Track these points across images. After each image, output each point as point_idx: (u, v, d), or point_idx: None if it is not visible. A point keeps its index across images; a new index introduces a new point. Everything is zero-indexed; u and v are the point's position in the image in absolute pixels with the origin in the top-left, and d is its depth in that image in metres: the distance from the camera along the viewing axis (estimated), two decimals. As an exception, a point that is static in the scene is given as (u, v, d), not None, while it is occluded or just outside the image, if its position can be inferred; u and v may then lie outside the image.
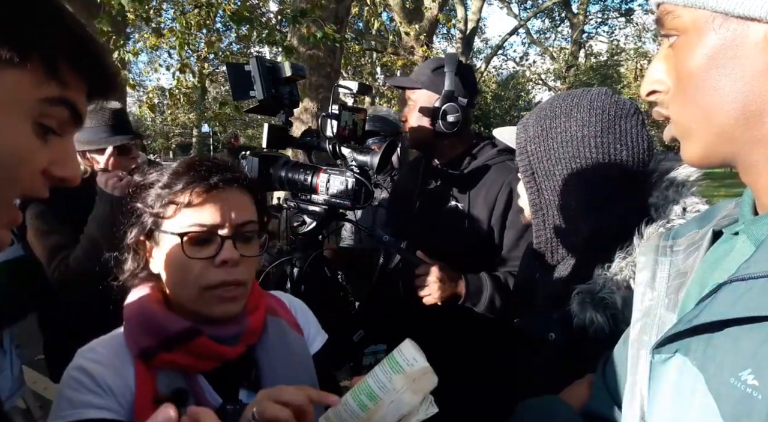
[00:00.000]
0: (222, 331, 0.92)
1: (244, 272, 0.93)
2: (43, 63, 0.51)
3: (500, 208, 1.67)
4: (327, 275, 1.69)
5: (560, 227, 1.14)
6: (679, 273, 0.73)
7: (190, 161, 0.94)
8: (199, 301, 0.90)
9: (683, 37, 0.60)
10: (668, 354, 0.63)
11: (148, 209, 0.92)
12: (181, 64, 6.02)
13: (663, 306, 0.72)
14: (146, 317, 0.91)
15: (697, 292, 0.67)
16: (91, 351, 0.91)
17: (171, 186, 0.91)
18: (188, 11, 6.18)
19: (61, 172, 0.57)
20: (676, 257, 0.75)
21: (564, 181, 1.10)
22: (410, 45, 9.29)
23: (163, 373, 0.88)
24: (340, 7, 5.26)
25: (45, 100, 0.52)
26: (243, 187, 0.95)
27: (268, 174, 1.58)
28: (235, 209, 0.92)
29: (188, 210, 0.89)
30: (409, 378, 0.77)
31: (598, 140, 1.06)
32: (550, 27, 24.30)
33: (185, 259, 0.88)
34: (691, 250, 0.73)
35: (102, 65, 0.57)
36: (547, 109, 1.14)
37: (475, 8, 13.32)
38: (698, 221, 0.78)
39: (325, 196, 1.54)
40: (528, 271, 1.37)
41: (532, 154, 1.14)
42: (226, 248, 0.90)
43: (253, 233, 0.95)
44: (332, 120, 1.54)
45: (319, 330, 1.13)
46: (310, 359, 1.04)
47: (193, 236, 0.89)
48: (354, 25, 12.52)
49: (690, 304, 0.67)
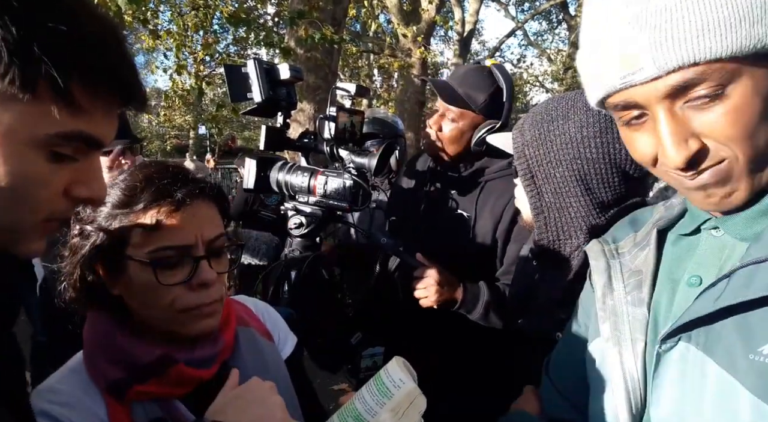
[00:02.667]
0: (197, 354, 0.85)
1: (219, 289, 0.85)
2: (53, 92, 0.47)
3: (506, 221, 1.65)
4: (325, 277, 1.69)
5: (562, 228, 1.15)
6: (633, 272, 0.80)
7: (147, 173, 0.82)
8: (175, 322, 0.82)
9: (734, 86, 0.58)
10: (672, 343, 0.68)
11: (98, 232, 0.79)
12: (177, 66, 6.01)
13: (627, 303, 0.78)
14: (111, 346, 0.81)
15: (670, 286, 0.74)
16: (51, 392, 0.79)
17: (129, 205, 0.79)
18: (185, 13, 6.17)
19: (84, 192, 0.54)
20: (623, 259, 0.83)
21: (565, 183, 1.11)
22: (407, 47, 9.31)
23: (137, 404, 0.80)
24: (337, 9, 5.27)
25: (56, 135, 0.49)
26: (208, 197, 0.85)
27: (265, 177, 1.58)
28: (205, 224, 0.83)
29: (156, 232, 0.78)
30: (396, 414, 0.75)
31: (597, 140, 1.07)
32: (548, 29, 24.38)
33: (157, 285, 0.78)
34: (636, 250, 0.82)
35: (121, 78, 0.53)
36: (543, 112, 1.14)
37: (472, 10, 13.33)
38: (630, 225, 0.88)
39: (322, 198, 1.54)
40: (526, 272, 1.37)
41: (531, 157, 1.14)
42: (203, 269, 0.81)
43: (222, 246, 0.87)
44: (330, 122, 1.54)
45: (288, 332, 1.08)
46: (283, 366, 1.00)
47: (164, 261, 0.79)
48: (351, 27, 12.53)
49: (663, 297, 0.74)
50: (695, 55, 0.57)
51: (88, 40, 0.49)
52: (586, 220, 1.12)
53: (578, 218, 1.12)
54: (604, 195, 1.10)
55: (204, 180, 0.86)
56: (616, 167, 1.08)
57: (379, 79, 17.04)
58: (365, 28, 12.38)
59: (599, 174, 1.08)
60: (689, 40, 0.57)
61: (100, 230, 0.79)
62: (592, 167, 1.08)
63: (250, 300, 1.08)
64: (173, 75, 6.31)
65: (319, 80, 5.09)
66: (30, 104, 0.47)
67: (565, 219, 1.14)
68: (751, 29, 0.56)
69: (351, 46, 10.56)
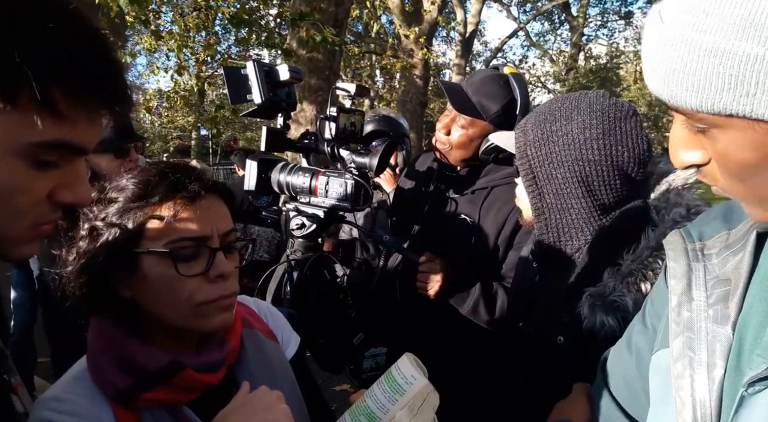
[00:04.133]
0: (205, 359, 0.85)
1: (235, 283, 0.85)
2: (35, 101, 0.46)
3: (509, 228, 1.64)
4: (327, 278, 1.68)
5: (563, 229, 1.15)
6: (719, 281, 0.66)
7: (160, 169, 0.83)
8: (194, 317, 0.81)
9: (719, 131, 0.55)
10: (762, 387, 0.56)
11: (110, 228, 0.78)
12: (179, 67, 6.02)
13: (708, 319, 0.64)
14: (118, 353, 0.80)
15: (763, 305, 0.60)
16: (56, 401, 0.77)
17: (144, 198, 0.79)
18: (187, 14, 6.19)
19: (67, 197, 0.53)
20: (709, 262, 0.69)
21: (566, 184, 1.10)
22: (409, 48, 9.31)
23: (146, 411, 0.79)
24: (339, 10, 5.27)
25: (38, 144, 0.48)
26: (219, 194, 0.86)
27: (267, 178, 1.57)
28: (219, 217, 0.84)
29: (173, 223, 0.78)
30: (412, 411, 0.74)
31: (600, 142, 1.06)
32: (550, 30, 24.38)
33: (175, 277, 0.78)
34: (728, 254, 0.67)
35: (104, 85, 0.52)
36: (546, 113, 1.14)
37: (474, 11, 13.34)
38: (723, 221, 0.72)
39: (324, 198, 1.53)
40: (526, 274, 1.37)
41: (533, 158, 1.14)
42: (219, 260, 0.81)
43: (234, 241, 0.87)
44: (330, 122, 1.53)
45: (291, 331, 1.07)
46: (288, 367, 0.99)
47: (182, 252, 0.79)
48: (353, 28, 12.54)
49: (754, 318, 0.60)
50: (668, 97, 0.56)
51: (70, 47, 0.48)
52: (587, 222, 1.12)
53: (579, 220, 1.12)
54: (605, 197, 1.10)
55: (213, 179, 0.87)
56: (618, 170, 1.07)
57: (381, 80, 17.06)
58: (367, 29, 12.40)
59: (601, 176, 1.08)
60: (663, 81, 0.55)
61: (112, 226, 0.78)
62: (594, 169, 1.07)
63: (251, 301, 1.07)
64: (175, 76, 6.32)
65: (321, 81, 5.09)
66: (11, 114, 0.46)
67: (566, 220, 1.14)
68: (716, 96, 0.51)
69: (353, 47, 10.57)
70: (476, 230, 1.68)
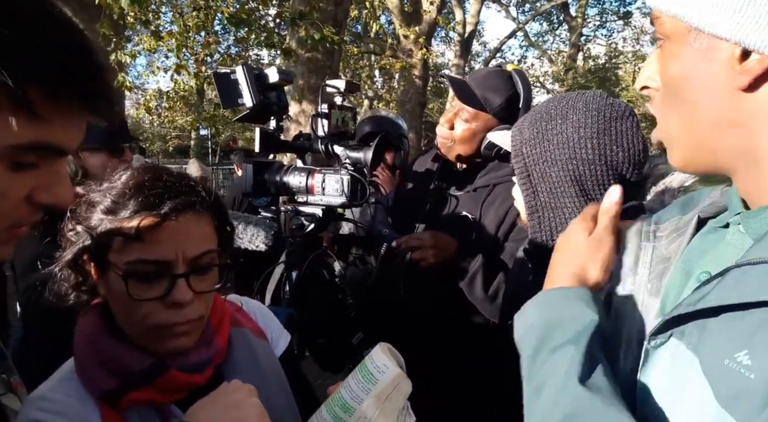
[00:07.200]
0: (191, 359, 0.83)
1: (199, 309, 0.82)
2: (10, 102, 0.44)
3: (509, 222, 1.65)
4: (326, 277, 1.69)
5: (556, 228, 1.15)
6: (663, 259, 0.73)
7: (140, 181, 0.80)
8: (148, 337, 0.80)
9: (667, 43, 0.62)
10: (663, 339, 0.63)
11: (87, 232, 0.79)
12: (177, 66, 6.01)
13: (646, 291, 0.72)
14: (103, 354, 0.80)
15: (682, 278, 0.68)
16: (44, 401, 0.77)
17: (115, 212, 0.78)
18: (186, 14, 6.18)
19: (46, 199, 0.52)
20: (659, 243, 0.76)
21: (560, 182, 1.11)
22: (409, 48, 9.31)
23: (133, 411, 0.80)
24: (338, 10, 5.28)
25: (15, 147, 0.47)
26: (202, 211, 0.82)
27: (262, 180, 1.58)
28: (190, 240, 0.80)
29: (135, 243, 0.76)
30: (380, 399, 0.74)
31: (594, 141, 1.07)
32: (549, 30, 24.34)
33: (130, 298, 0.77)
34: (675, 236, 0.74)
35: (83, 85, 0.50)
36: (542, 111, 1.14)
37: (473, 11, 13.34)
38: (680, 207, 0.78)
39: (321, 196, 1.54)
40: (520, 272, 1.37)
41: (528, 156, 1.14)
42: (179, 289, 0.78)
43: (210, 263, 0.83)
44: (323, 119, 1.54)
45: (282, 330, 1.07)
46: (278, 365, 0.99)
47: (139, 274, 0.77)
48: (352, 28, 12.54)
49: (673, 290, 0.68)
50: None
51: (47, 47, 0.47)
52: None
53: (572, 219, 1.12)
54: (599, 197, 1.08)
55: (199, 193, 0.83)
56: (612, 170, 1.08)
57: (380, 80, 17.05)
58: (366, 29, 12.39)
59: (594, 176, 1.08)
60: None
61: (88, 232, 0.78)
62: (587, 169, 1.08)
63: (242, 299, 1.07)
64: (173, 75, 6.31)
65: (320, 81, 5.09)
66: None
67: (559, 219, 1.14)
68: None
69: (352, 47, 10.57)
70: (477, 228, 1.69)
